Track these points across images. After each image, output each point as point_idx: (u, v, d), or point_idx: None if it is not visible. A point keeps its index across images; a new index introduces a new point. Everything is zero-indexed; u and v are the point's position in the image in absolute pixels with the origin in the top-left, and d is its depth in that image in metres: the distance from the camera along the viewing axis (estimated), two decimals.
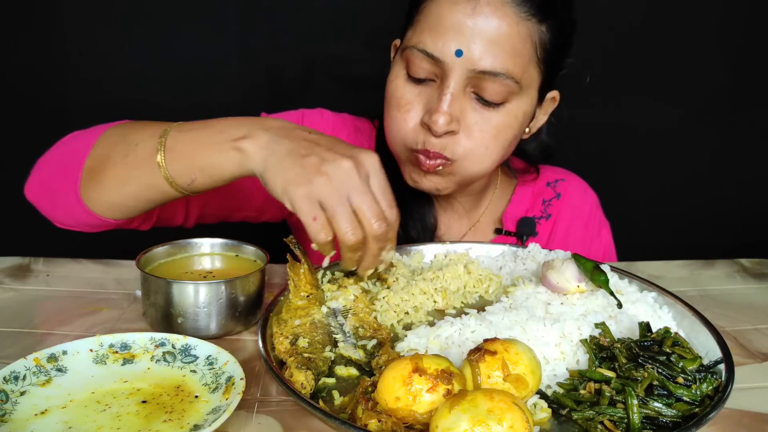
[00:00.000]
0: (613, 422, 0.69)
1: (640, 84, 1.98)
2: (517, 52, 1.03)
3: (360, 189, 0.82)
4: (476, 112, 1.06)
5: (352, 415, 0.70)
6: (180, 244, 1.00)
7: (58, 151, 1.06)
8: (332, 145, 0.85)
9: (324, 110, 1.35)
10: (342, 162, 0.81)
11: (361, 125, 1.37)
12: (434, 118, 1.04)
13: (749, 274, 1.24)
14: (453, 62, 1.02)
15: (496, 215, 1.36)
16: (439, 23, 1.03)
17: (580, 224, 1.38)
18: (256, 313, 0.94)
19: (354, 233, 0.82)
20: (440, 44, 1.03)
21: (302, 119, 1.31)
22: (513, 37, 1.02)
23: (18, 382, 0.72)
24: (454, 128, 1.05)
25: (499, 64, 1.02)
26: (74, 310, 0.98)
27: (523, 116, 1.10)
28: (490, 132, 1.08)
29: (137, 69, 1.86)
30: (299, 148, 0.83)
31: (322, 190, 0.80)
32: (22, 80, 1.83)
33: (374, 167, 0.84)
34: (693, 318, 0.89)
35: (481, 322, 0.84)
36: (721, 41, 1.96)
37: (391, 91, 1.12)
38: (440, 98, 1.04)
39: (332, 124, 1.33)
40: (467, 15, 1.02)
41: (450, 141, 1.07)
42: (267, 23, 1.85)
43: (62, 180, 1.01)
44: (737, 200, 2.11)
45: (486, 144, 1.08)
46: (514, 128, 1.10)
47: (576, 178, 1.44)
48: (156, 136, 0.93)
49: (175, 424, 0.68)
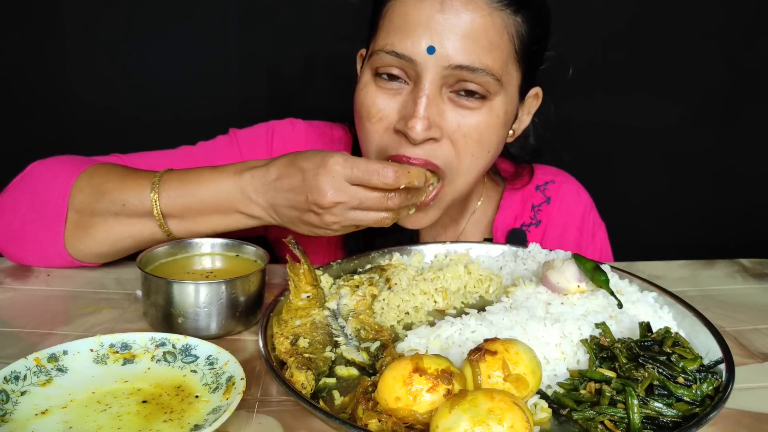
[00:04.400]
0: (613, 422, 0.69)
1: (640, 83, 1.98)
2: (494, 45, 0.97)
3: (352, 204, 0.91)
4: (455, 113, 0.99)
5: (352, 415, 0.70)
6: (180, 244, 1.00)
7: (26, 197, 1.06)
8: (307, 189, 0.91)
9: (295, 120, 1.31)
10: (323, 204, 0.90)
11: (337, 134, 1.32)
12: (411, 124, 0.96)
13: (749, 274, 1.24)
14: (425, 60, 0.96)
15: (484, 223, 1.32)
16: (406, 22, 0.97)
17: (573, 229, 1.34)
18: (256, 313, 0.94)
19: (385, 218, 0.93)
20: (409, 43, 0.96)
21: (272, 134, 1.28)
22: (488, 29, 0.96)
23: (18, 382, 0.72)
24: (435, 135, 0.98)
25: (477, 59, 0.96)
26: (74, 310, 0.98)
27: (505, 116, 1.04)
28: (473, 136, 1.01)
29: (137, 69, 1.85)
30: (295, 213, 0.95)
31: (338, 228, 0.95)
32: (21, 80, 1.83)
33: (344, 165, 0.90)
34: (693, 318, 0.89)
35: (481, 322, 0.84)
36: (721, 40, 1.96)
37: (360, 101, 1.05)
38: (415, 102, 0.97)
39: (305, 135, 1.30)
40: (436, 10, 0.95)
41: (434, 147, 1.00)
42: (267, 23, 1.85)
43: (39, 232, 1.04)
44: (737, 200, 2.11)
45: (471, 150, 1.02)
46: (498, 129, 1.03)
47: (568, 179, 1.38)
48: (142, 198, 1.00)
49: (176, 424, 0.68)
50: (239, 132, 1.28)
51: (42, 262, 1.08)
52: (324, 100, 1.84)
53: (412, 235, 1.24)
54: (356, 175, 0.89)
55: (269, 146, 1.28)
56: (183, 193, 0.99)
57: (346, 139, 1.32)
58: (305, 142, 1.29)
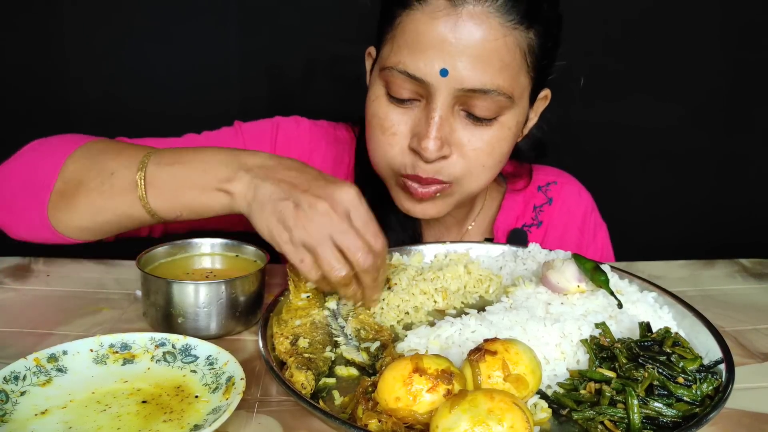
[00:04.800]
0: (613, 422, 0.69)
1: (640, 83, 1.98)
2: (506, 64, 0.96)
3: (339, 228, 0.82)
4: (467, 131, 1.00)
5: (352, 415, 0.70)
6: (180, 244, 1.00)
7: (21, 166, 1.03)
8: (309, 185, 0.84)
9: (300, 118, 1.31)
10: (318, 204, 0.82)
11: (341, 134, 1.32)
12: (424, 145, 0.97)
13: (749, 274, 1.24)
14: (438, 82, 0.95)
15: (486, 224, 1.32)
16: (418, 41, 0.95)
17: (574, 230, 1.34)
18: (256, 313, 0.94)
19: (339, 269, 0.82)
20: (422, 64, 0.95)
21: (277, 130, 1.27)
22: (500, 50, 0.95)
23: (18, 382, 0.72)
24: (446, 153, 1.00)
25: (489, 81, 0.95)
26: (74, 310, 0.98)
27: (516, 126, 1.04)
28: (484, 150, 1.01)
29: (137, 69, 1.86)
30: (278, 192, 0.84)
31: (301, 233, 0.82)
32: (20, 80, 1.83)
33: (353, 202, 0.84)
34: (693, 318, 0.89)
35: (481, 322, 0.84)
36: (722, 40, 1.96)
37: (372, 111, 1.05)
38: (428, 122, 0.97)
39: (310, 133, 1.29)
40: (449, 30, 0.93)
41: (444, 164, 1.01)
42: (267, 23, 1.85)
43: (27, 199, 0.99)
44: (737, 200, 2.11)
45: (482, 162, 1.03)
46: (509, 140, 1.04)
47: (569, 180, 1.38)
48: (132, 167, 0.92)
49: (175, 424, 0.68)
50: (244, 125, 1.27)
51: (30, 234, 1.03)
52: (324, 101, 1.84)
53: (415, 235, 1.24)
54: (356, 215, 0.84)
55: (273, 141, 1.27)
56: (175, 159, 0.93)
57: (350, 139, 1.31)
58: (309, 141, 1.29)
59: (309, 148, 1.28)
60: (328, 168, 1.29)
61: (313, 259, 0.83)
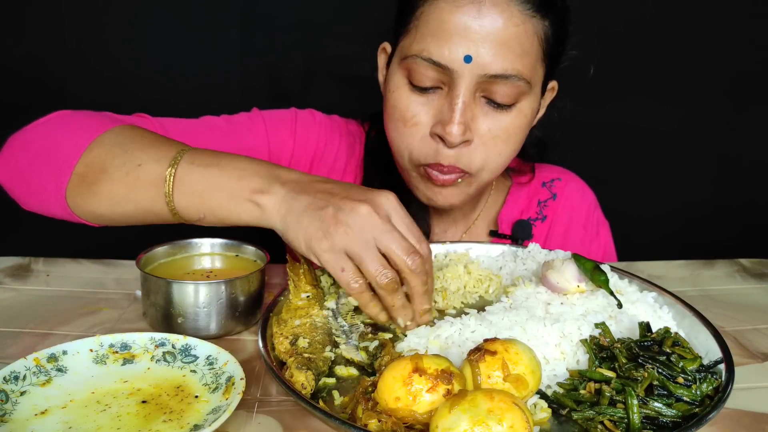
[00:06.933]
0: (613, 422, 0.69)
1: (641, 84, 1.98)
2: (526, 51, 1.00)
3: (383, 229, 0.81)
4: (487, 117, 1.04)
5: (352, 415, 0.70)
6: (180, 244, 1.00)
7: (41, 138, 0.99)
8: (348, 193, 0.83)
9: (315, 111, 1.32)
10: (359, 207, 0.81)
11: (353, 128, 1.34)
12: (448, 130, 1.00)
13: (749, 274, 1.24)
14: (462, 69, 0.98)
15: (491, 217, 1.35)
16: (442, 28, 0.99)
17: (578, 226, 1.36)
18: (256, 313, 0.94)
19: (384, 273, 0.81)
20: (446, 51, 0.98)
21: (296, 119, 1.28)
22: (521, 36, 0.99)
23: (18, 382, 0.72)
24: (469, 137, 1.03)
25: (510, 66, 0.99)
26: (74, 310, 0.98)
27: (531, 114, 1.08)
28: (502, 136, 1.05)
29: (136, 68, 1.86)
30: (316, 201, 0.82)
31: (343, 239, 0.80)
32: (20, 79, 1.83)
33: (393, 206, 0.84)
34: (693, 318, 0.89)
35: (481, 322, 0.84)
36: (722, 41, 1.96)
37: (393, 102, 1.07)
38: (452, 108, 1.00)
39: (325, 125, 1.31)
40: (473, 17, 0.97)
41: (464, 151, 1.04)
42: (267, 23, 1.85)
43: (44, 176, 0.96)
44: (737, 200, 2.11)
45: (499, 150, 1.06)
46: (524, 128, 1.08)
47: (573, 178, 1.41)
48: (162, 162, 0.89)
49: (175, 424, 0.68)
50: (264, 111, 1.28)
51: (42, 208, 1.00)
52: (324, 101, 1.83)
53: (424, 228, 1.25)
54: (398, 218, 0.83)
55: (293, 129, 1.27)
56: (210, 161, 0.90)
57: (360, 134, 1.34)
58: (325, 131, 1.30)
59: (325, 137, 1.30)
60: (342, 158, 1.31)
61: (355, 268, 0.81)
